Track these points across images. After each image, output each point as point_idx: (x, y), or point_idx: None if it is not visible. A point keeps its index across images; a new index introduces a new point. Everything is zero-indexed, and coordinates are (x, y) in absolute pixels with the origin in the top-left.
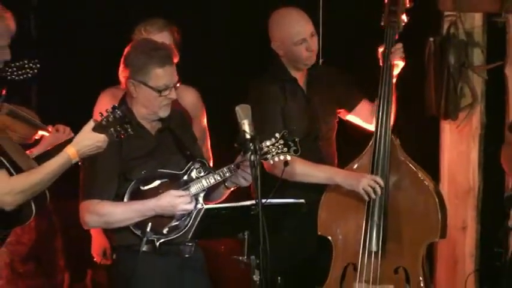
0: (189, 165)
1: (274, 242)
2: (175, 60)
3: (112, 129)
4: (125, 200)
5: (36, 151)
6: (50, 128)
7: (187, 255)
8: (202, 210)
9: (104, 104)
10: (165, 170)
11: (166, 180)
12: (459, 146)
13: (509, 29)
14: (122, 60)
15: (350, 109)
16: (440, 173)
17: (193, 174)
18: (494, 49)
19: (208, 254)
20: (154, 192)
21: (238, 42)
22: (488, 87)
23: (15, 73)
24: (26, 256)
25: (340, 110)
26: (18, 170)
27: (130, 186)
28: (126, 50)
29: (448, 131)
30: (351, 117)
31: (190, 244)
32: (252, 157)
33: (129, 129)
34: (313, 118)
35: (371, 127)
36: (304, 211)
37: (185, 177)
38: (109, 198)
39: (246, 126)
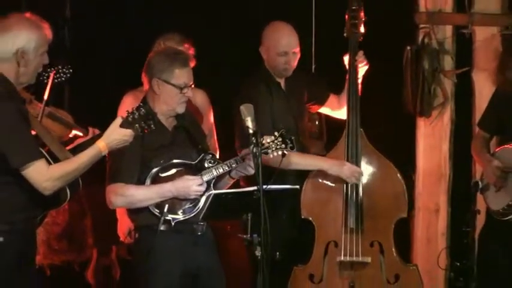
0: (201, 156)
1: (273, 223)
2: (192, 64)
3: (137, 125)
4: (146, 184)
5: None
6: (89, 131)
7: (199, 233)
8: (212, 195)
9: (127, 104)
10: (180, 160)
11: (181, 168)
12: (432, 139)
13: (475, 39)
14: (146, 63)
15: (321, 103)
16: (416, 163)
17: (205, 164)
18: (462, 56)
19: (216, 232)
20: (171, 179)
21: (235, 54)
22: (457, 89)
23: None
24: (60, 235)
25: (313, 105)
26: (56, 160)
27: (151, 173)
28: (151, 55)
29: (423, 127)
30: (323, 109)
31: (202, 224)
32: (255, 149)
33: (152, 125)
34: (293, 115)
35: (339, 115)
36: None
37: (198, 167)
38: (132, 182)
39: (249, 122)
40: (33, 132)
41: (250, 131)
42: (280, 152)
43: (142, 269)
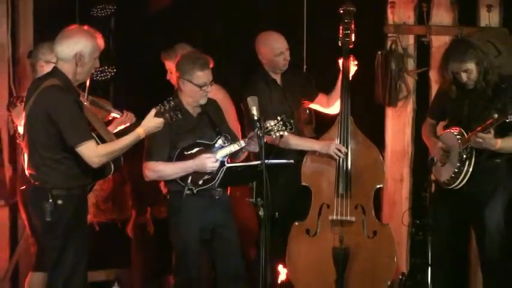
0: (217, 137)
1: (273, 189)
2: (211, 65)
3: (167, 114)
4: (173, 161)
5: (111, 128)
6: (123, 113)
7: (217, 197)
8: (225, 168)
9: None
10: (201, 141)
11: (202, 148)
12: (398, 125)
13: (432, 45)
14: (175, 65)
15: (311, 100)
16: (385, 143)
17: (219, 144)
18: (422, 59)
19: (234, 195)
20: (193, 156)
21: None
22: (417, 85)
23: (98, 75)
24: (106, 198)
25: (304, 101)
26: (103, 141)
27: (178, 152)
28: (178, 59)
29: (391, 114)
30: (313, 105)
31: (219, 190)
32: (259, 132)
33: (179, 115)
34: (288, 105)
35: (327, 111)
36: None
37: (215, 146)
38: (162, 160)
39: (254, 111)
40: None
41: (255, 118)
42: (281, 133)
43: (172, 223)
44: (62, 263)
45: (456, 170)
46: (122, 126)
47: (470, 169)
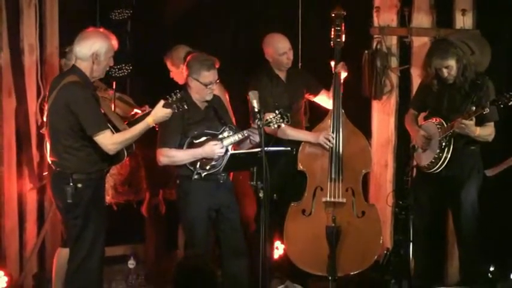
0: (223, 128)
1: (272, 173)
2: (217, 66)
3: (174, 105)
4: (184, 148)
5: None
6: (144, 108)
7: (221, 181)
8: (229, 154)
9: None
10: (208, 131)
11: (209, 137)
12: (383, 115)
13: (413, 45)
14: (185, 64)
15: (315, 94)
16: (371, 132)
17: (225, 134)
18: (404, 58)
19: (237, 180)
20: (202, 144)
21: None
22: (400, 80)
23: (116, 72)
24: (123, 181)
25: (309, 95)
26: (117, 130)
27: (188, 140)
28: (188, 58)
29: (376, 107)
30: (316, 99)
31: (223, 175)
32: (259, 123)
33: (185, 106)
34: (288, 100)
35: (328, 105)
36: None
37: (220, 136)
38: (174, 146)
39: (255, 103)
40: (102, 110)
41: (256, 110)
42: (279, 125)
43: (182, 204)
44: (81, 240)
45: (436, 156)
46: None
47: (449, 155)
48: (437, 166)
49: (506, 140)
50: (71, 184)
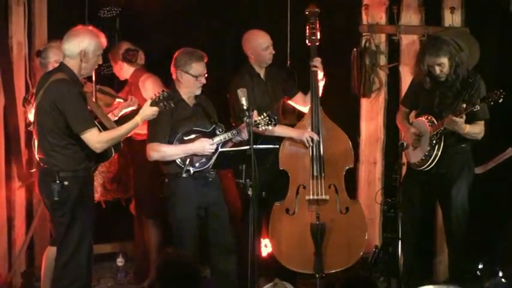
0: (213, 126)
1: (260, 171)
2: (205, 60)
3: (161, 103)
4: (174, 144)
5: (116, 112)
6: (129, 98)
7: (210, 179)
8: (218, 152)
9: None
10: (197, 128)
11: (199, 134)
12: (371, 113)
13: (401, 43)
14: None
15: (290, 97)
16: (360, 129)
17: (216, 131)
18: (392, 55)
19: (221, 177)
20: (191, 141)
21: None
22: (389, 78)
23: (105, 70)
24: (112, 179)
25: (284, 97)
26: (104, 128)
27: (178, 136)
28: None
29: (365, 104)
30: (291, 102)
31: (212, 172)
32: (248, 120)
33: (172, 104)
34: (269, 98)
35: (303, 109)
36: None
37: (210, 133)
38: (164, 143)
39: (244, 101)
40: (89, 108)
41: (245, 107)
42: (267, 127)
43: (170, 203)
44: (68, 238)
45: (426, 153)
46: (128, 109)
47: (439, 153)
48: (427, 163)
49: (494, 137)
50: (58, 182)
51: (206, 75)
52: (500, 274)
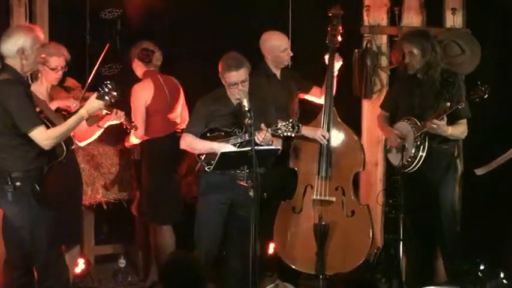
0: (234, 126)
1: (269, 172)
2: (243, 67)
3: (107, 97)
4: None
5: (101, 123)
6: (113, 111)
7: (241, 178)
8: (219, 153)
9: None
10: (223, 128)
11: (222, 133)
12: (373, 115)
13: None
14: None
15: (307, 91)
16: (362, 131)
17: (236, 132)
18: None
19: None
20: (212, 139)
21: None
22: (390, 79)
23: (107, 71)
24: (113, 181)
25: (300, 93)
26: (53, 125)
27: (203, 132)
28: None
29: (367, 105)
30: (307, 97)
31: (243, 172)
32: (249, 121)
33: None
34: (285, 96)
35: (320, 101)
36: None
37: (232, 133)
38: (196, 134)
39: (245, 102)
40: (37, 109)
41: (246, 108)
42: (289, 134)
43: (199, 198)
44: (37, 241)
45: (412, 155)
46: (113, 122)
47: (424, 154)
48: (413, 165)
49: (493, 139)
50: (10, 183)
51: (244, 81)
52: (502, 275)
